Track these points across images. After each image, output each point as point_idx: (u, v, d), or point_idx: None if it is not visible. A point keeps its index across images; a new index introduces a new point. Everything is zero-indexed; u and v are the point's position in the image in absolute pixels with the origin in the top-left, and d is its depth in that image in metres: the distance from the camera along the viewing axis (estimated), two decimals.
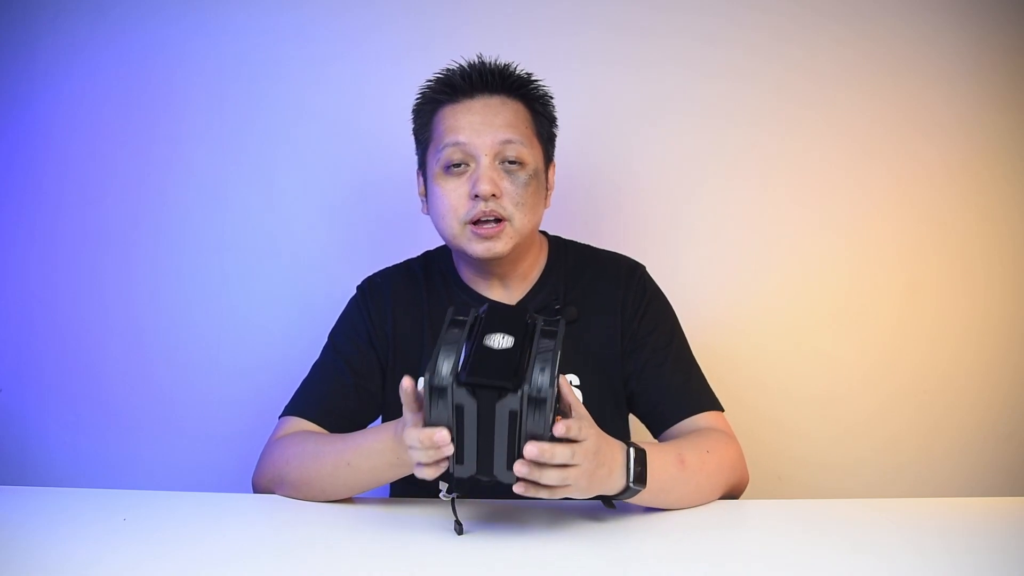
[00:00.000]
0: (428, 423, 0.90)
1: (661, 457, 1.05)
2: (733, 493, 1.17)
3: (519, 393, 0.86)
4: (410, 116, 1.33)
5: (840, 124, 1.70)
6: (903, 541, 0.99)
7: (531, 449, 0.89)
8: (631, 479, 1.00)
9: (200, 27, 1.72)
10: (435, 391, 0.88)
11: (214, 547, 0.98)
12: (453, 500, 1.00)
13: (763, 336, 1.72)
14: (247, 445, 1.26)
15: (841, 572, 0.90)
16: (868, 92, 1.69)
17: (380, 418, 1.31)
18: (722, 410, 1.24)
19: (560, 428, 0.89)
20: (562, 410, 0.95)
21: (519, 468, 0.90)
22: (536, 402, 0.86)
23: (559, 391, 0.93)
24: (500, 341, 0.90)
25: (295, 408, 1.23)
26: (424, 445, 0.91)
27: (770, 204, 1.72)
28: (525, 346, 0.90)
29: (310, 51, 1.72)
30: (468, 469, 0.91)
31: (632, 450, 1.01)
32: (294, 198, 1.74)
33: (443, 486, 0.99)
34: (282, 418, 1.24)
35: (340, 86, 1.72)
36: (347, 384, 1.24)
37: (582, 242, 1.37)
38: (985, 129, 1.69)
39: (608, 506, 1.06)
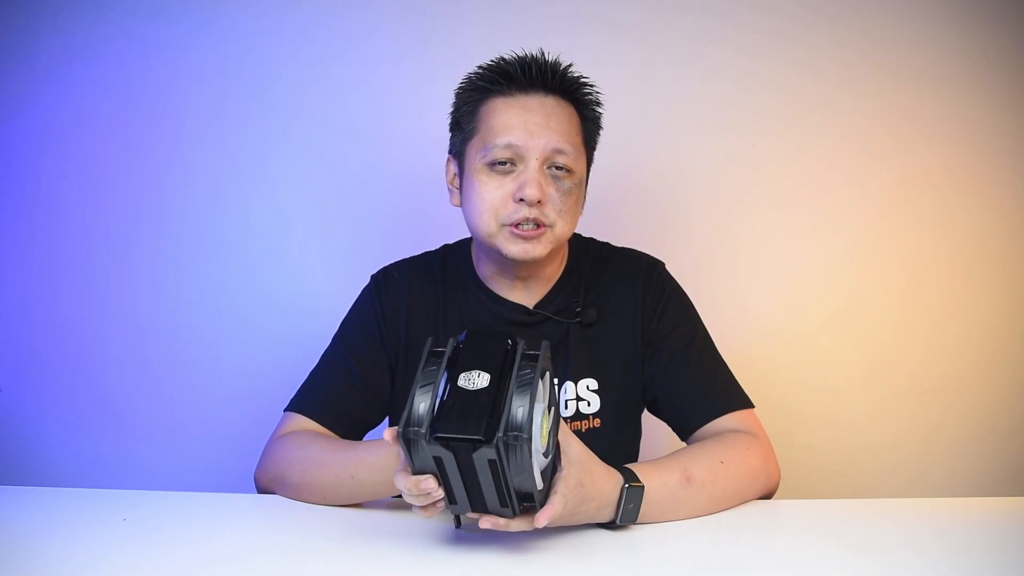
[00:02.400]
0: (414, 470, 0.88)
1: (662, 478, 1.02)
2: (763, 497, 1.14)
3: (493, 443, 0.82)
4: (410, 115, 1.32)
5: (840, 124, 1.70)
6: (903, 541, 0.99)
7: (485, 523, 0.89)
8: (619, 517, 0.98)
9: (200, 27, 1.72)
10: (410, 444, 0.85)
11: (214, 547, 0.97)
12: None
13: (762, 336, 1.73)
14: (247, 445, 1.26)
15: (841, 572, 0.90)
16: (868, 92, 1.69)
17: (388, 418, 1.30)
18: (751, 407, 1.20)
19: (545, 517, 0.89)
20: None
21: (484, 523, 0.90)
22: (512, 446, 0.82)
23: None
24: (475, 380, 0.86)
25: (300, 404, 1.21)
26: (412, 493, 0.90)
27: (768, 204, 1.72)
28: (504, 379, 0.86)
29: (310, 51, 1.72)
30: (462, 508, 0.90)
31: (627, 488, 0.98)
32: (294, 198, 1.74)
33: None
34: (286, 412, 1.22)
35: (340, 86, 1.72)
36: (354, 381, 1.22)
37: (601, 240, 1.35)
38: (985, 129, 1.69)
39: (601, 527, 1.02)
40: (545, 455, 0.90)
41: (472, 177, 1.18)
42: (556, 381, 0.95)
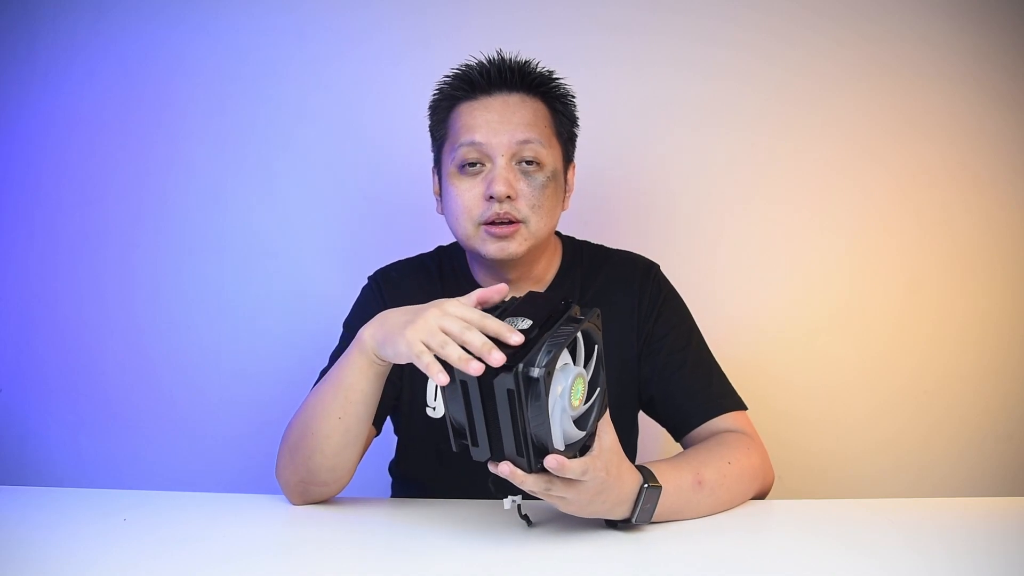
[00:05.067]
0: (445, 403, 0.90)
1: (677, 481, 1.02)
2: (758, 496, 1.15)
3: (513, 371, 0.83)
4: (411, 115, 1.32)
5: (840, 125, 1.70)
6: (903, 541, 0.99)
7: (504, 468, 0.87)
8: (635, 517, 0.97)
9: (200, 27, 1.72)
10: (442, 365, 0.88)
11: (214, 547, 0.97)
12: (519, 506, 0.99)
13: (761, 336, 1.73)
14: (247, 445, 1.26)
15: (841, 572, 0.90)
16: (868, 93, 1.69)
17: (393, 414, 1.29)
18: (745, 409, 1.21)
19: (551, 462, 0.86)
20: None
21: (502, 468, 0.88)
22: (529, 381, 0.83)
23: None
24: (517, 324, 0.89)
25: None
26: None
27: (768, 204, 1.72)
28: (543, 330, 0.89)
29: (310, 51, 1.72)
30: (483, 452, 0.89)
31: (646, 488, 0.97)
32: (294, 198, 1.74)
33: (508, 500, 0.97)
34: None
35: (340, 86, 1.72)
36: None
37: (595, 242, 1.35)
38: (985, 129, 1.69)
39: (609, 526, 1.02)
40: (578, 425, 0.90)
41: (447, 182, 1.21)
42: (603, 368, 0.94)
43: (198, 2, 1.72)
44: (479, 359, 0.85)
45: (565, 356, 0.89)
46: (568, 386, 0.87)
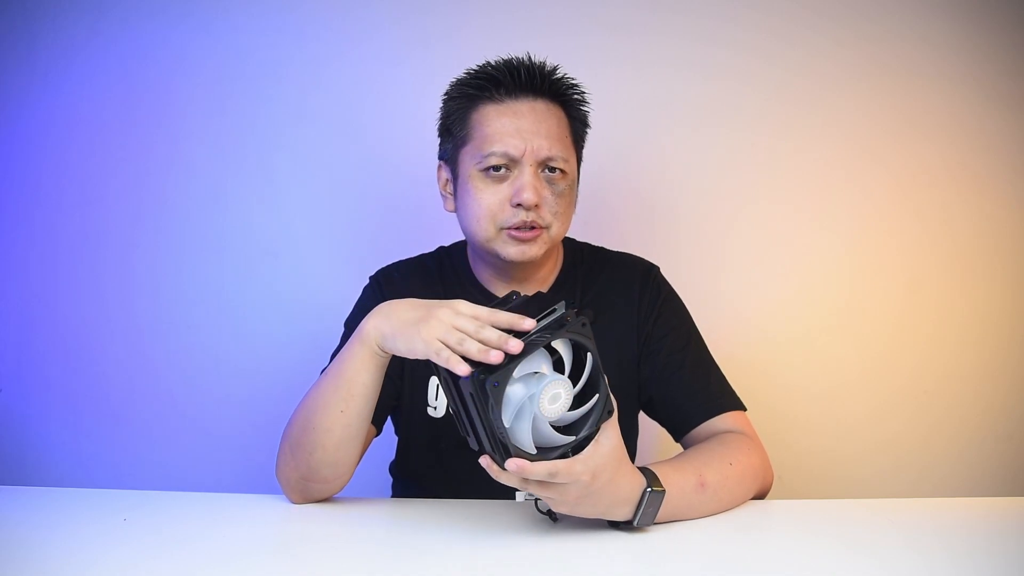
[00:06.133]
0: (448, 398, 0.92)
1: (680, 483, 1.01)
2: (758, 496, 1.15)
3: (471, 377, 0.86)
4: (411, 115, 1.32)
5: (840, 125, 1.70)
6: (903, 541, 0.99)
7: (483, 459, 0.89)
8: (637, 520, 0.97)
9: (200, 27, 1.72)
10: (430, 361, 0.91)
11: (214, 547, 0.97)
12: (536, 501, 1.00)
13: (761, 336, 1.73)
14: (248, 445, 1.26)
15: (841, 572, 0.90)
16: (868, 93, 1.69)
17: (393, 414, 1.29)
18: (744, 409, 1.22)
19: (510, 465, 0.86)
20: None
21: (482, 459, 0.89)
22: (484, 389, 0.85)
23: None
24: None
25: None
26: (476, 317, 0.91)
27: (768, 204, 1.73)
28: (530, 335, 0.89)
29: (310, 51, 1.72)
30: (473, 443, 0.91)
31: (649, 492, 0.96)
32: (294, 198, 1.74)
33: (519, 495, 0.98)
34: None
35: (340, 86, 1.72)
36: None
37: (595, 244, 1.36)
38: (985, 129, 1.69)
39: (611, 527, 1.01)
40: (566, 430, 0.90)
41: (468, 183, 1.19)
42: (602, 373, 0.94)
43: (198, 2, 1.72)
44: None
45: (537, 364, 0.89)
46: (539, 393, 0.87)
